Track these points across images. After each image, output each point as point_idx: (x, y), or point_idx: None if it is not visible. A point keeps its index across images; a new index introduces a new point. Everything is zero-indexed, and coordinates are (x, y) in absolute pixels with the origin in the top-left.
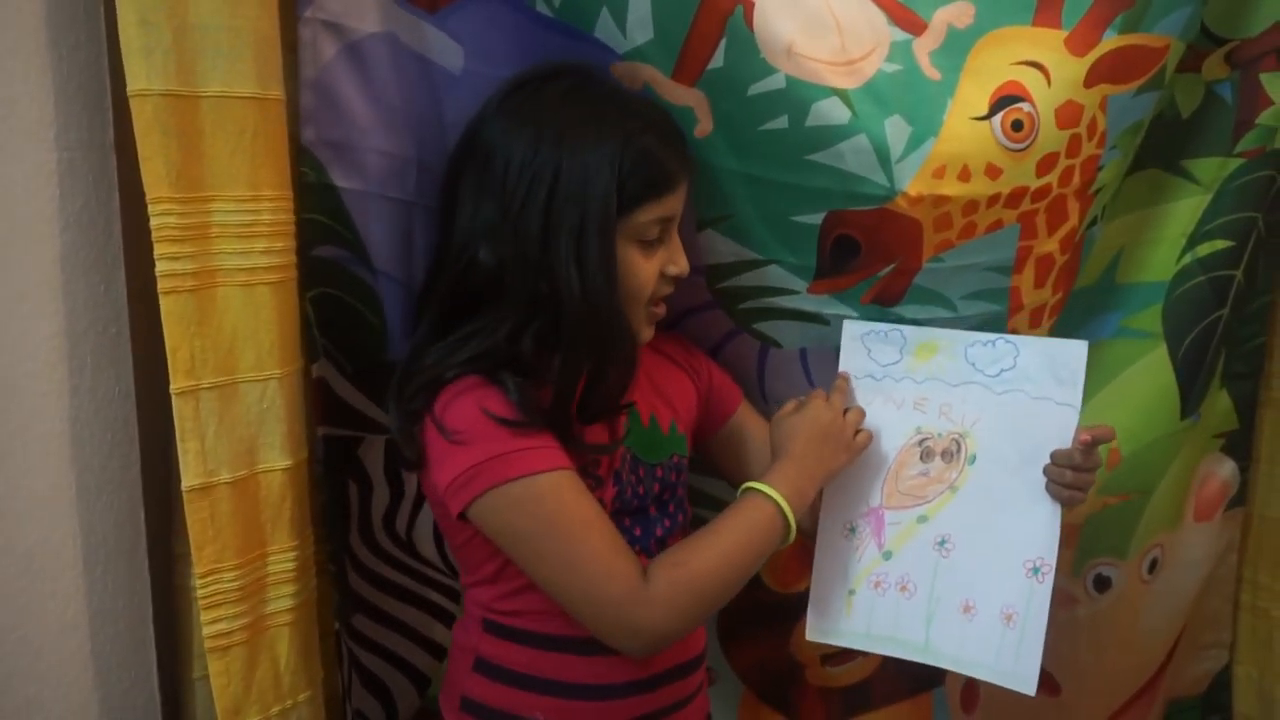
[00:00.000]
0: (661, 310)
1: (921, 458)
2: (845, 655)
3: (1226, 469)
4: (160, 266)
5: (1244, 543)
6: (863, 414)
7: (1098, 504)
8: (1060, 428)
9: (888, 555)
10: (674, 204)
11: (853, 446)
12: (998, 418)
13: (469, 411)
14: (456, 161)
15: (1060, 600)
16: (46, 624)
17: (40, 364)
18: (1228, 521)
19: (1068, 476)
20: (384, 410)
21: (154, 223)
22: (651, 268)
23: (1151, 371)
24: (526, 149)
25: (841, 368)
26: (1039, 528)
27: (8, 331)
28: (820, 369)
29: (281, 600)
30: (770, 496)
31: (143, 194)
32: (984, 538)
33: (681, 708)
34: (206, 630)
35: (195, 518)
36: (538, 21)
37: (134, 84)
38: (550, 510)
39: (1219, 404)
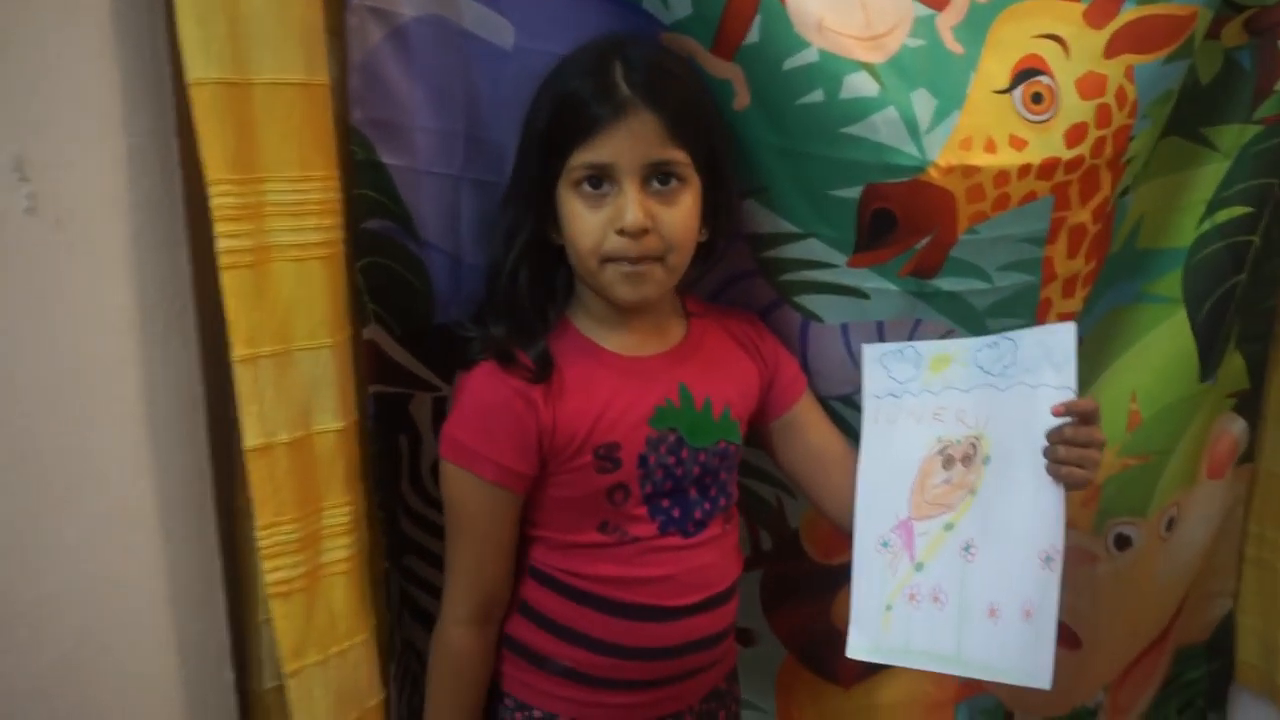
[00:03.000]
0: (637, 269)
1: (944, 465)
2: None
3: (1238, 427)
4: (220, 244)
5: (1250, 497)
6: None
7: (1118, 465)
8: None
9: (919, 567)
10: (610, 149)
11: None
12: (1005, 413)
13: (468, 384)
14: None
15: (1081, 558)
16: (128, 573)
17: (116, 335)
18: (1237, 477)
19: (1060, 453)
20: (431, 370)
21: (213, 203)
22: (595, 219)
23: (1171, 336)
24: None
25: (864, 390)
26: (1046, 515)
27: (88, 304)
28: (859, 343)
29: (336, 551)
30: None
31: (202, 177)
32: (1002, 536)
33: (702, 673)
34: (268, 578)
35: (256, 475)
36: None
37: (192, 73)
38: (446, 500)
39: (1233, 365)
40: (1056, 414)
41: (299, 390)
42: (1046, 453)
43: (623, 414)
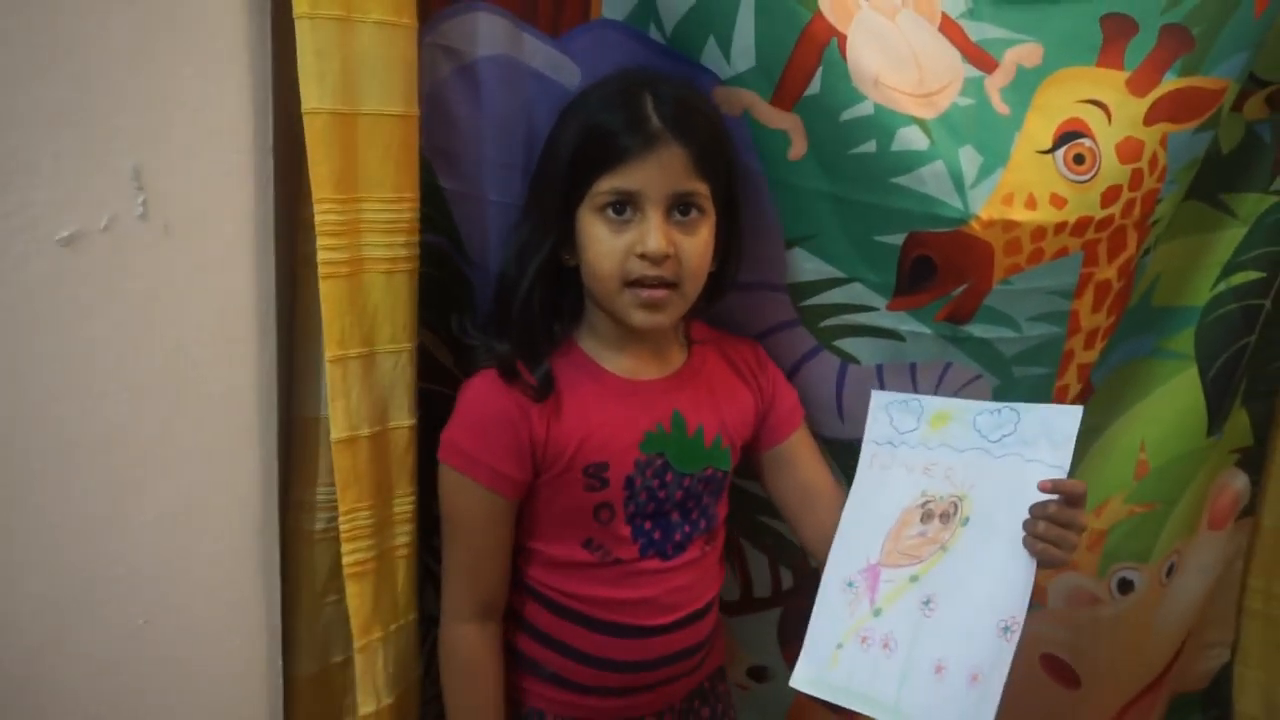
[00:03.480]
0: (654, 295)
1: (922, 519)
2: None
3: (1240, 481)
4: (321, 255)
5: (1251, 551)
6: None
7: (1124, 511)
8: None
9: (877, 612)
10: (639, 178)
11: None
12: (993, 480)
13: (470, 392)
14: None
15: (1085, 600)
16: (198, 554)
17: (208, 333)
18: (1237, 530)
19: (1040, 528)
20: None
21: (318, 219)
22: (617, 243)
23: (1182, 391)
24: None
25: (866, 434)
26: (1013, 586)
27: (185, 303)
28: (894, 384)
29: (401, 536)
30: None
31: (291, 192)
32: (964, 598)
33: (681, 679)
34: (346, 559)
35: (340, 464)
36: (650, 46)
37: (308, 103)
38: (444, 504)
39: (1238, 422)
40: (1044, 490)
41: (380, 389)
42: (1026, 525)
43: (614, 436)
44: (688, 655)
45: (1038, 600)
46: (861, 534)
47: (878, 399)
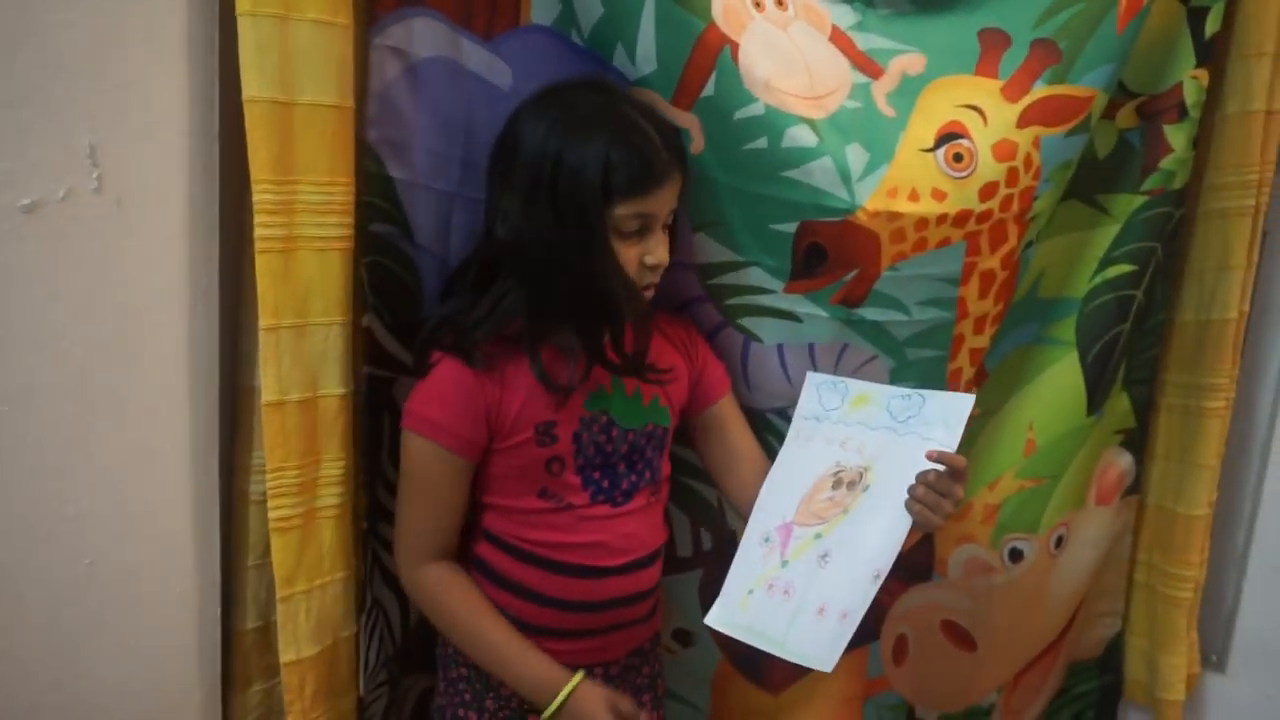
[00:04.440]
0: (649, 293)
1: (833, 485)
2: None
3: (1124, 460)
4: (258, 232)
5: (1139, 528)
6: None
7: (1015, 486)
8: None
9: (785, 564)
10: (655, 204)
11: None
12: (893, 455)
13: (436, 373)
14: (492, 152)
15: (980, 569)
16: (144, 503)
17: (157, 298)
18: (1124, 507)
19: (919, 491)
20: (414, 356)
21: (255, 199)
22: (631, 254)
23: (1064, 374)
24: (539, 139)
25: (797, 410)
26: (888, 540)
27: (136, 271)
28: (793, 362)
29: (329, 498)
30: (557, 692)
31: (243, 177)
32: (852, 552)
33: (628, 628)
34: (271, 514)
35: (269, 427)
36: (572, 49)
37: (248, 91)
38: (408, 467)
39: (1119, 404)
40: (930, 459)
41: (310, 358)
42: (909, 489)
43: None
44: (638, 600)
45: (938, 570)
46: (781, 496)
47: (811, 379)
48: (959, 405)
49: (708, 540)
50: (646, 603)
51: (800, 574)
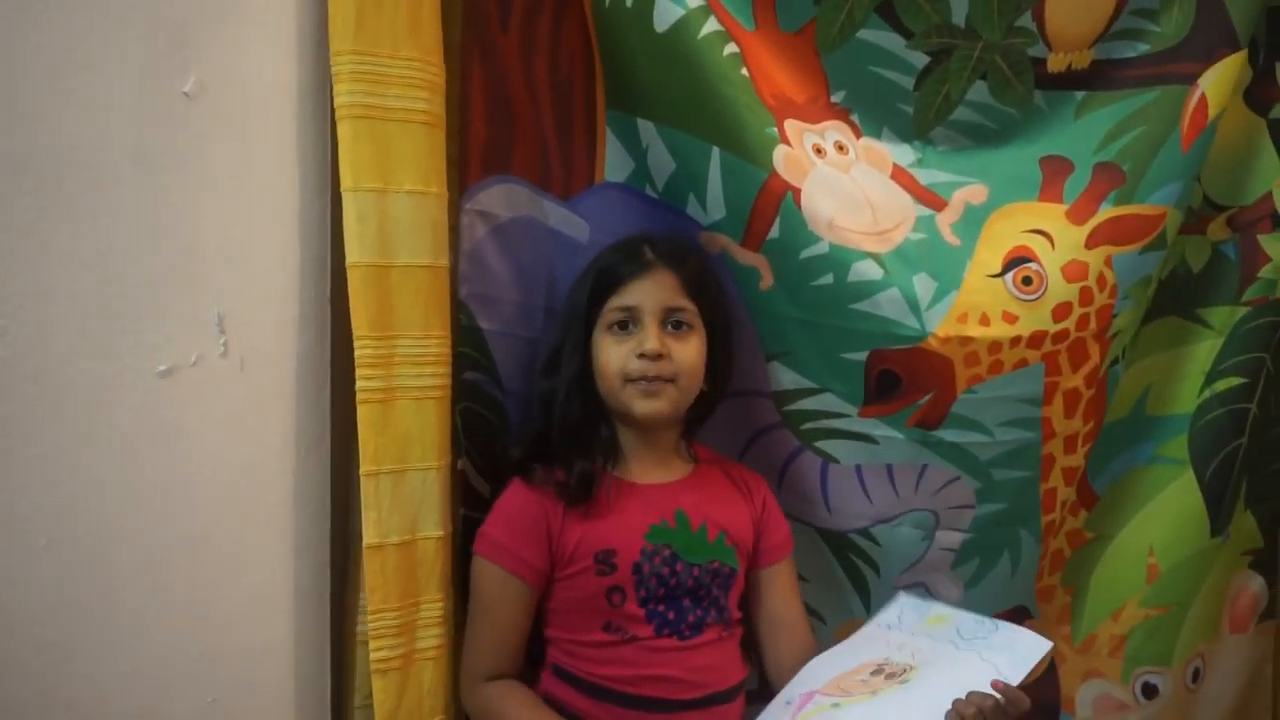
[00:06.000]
0: (652, 386)
1: (872, 673)
2: None
3: (1256, 584)
4: (359, 384)
5: (1278, 654)
6: None
7: (1141, 615)
8: (988, 686)
9: None
10: (638, 295)
11: None
12: (945, 661)
13: (504, 497)
14: None
15: (1113, 707)
16: (260, 645)
17: (274, 453)
18: (1260, 634)
19: (968, 710)
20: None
21: (357, 354)
22: (621, 350)
23: (1181, 494)
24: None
25: (876, 617)
26: None
27: (256, 427)
28: (872, 482)
29: (428, 639)
30: None
31: (346, 336)
32: None
33: None
34: (373, 655)
35: (370, 568)
36: (646, 201)
37: (350, 257)
38: (473, 586)
39: (1245, 524)
40: (996, 689)
41: (410, 502)
42: (956, 704)
43: (620, 525)
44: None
45: (1065, 709)
46: (820, 671)
47: (900, 595)
48: (1032, 646)
49: None
50: None
51: None
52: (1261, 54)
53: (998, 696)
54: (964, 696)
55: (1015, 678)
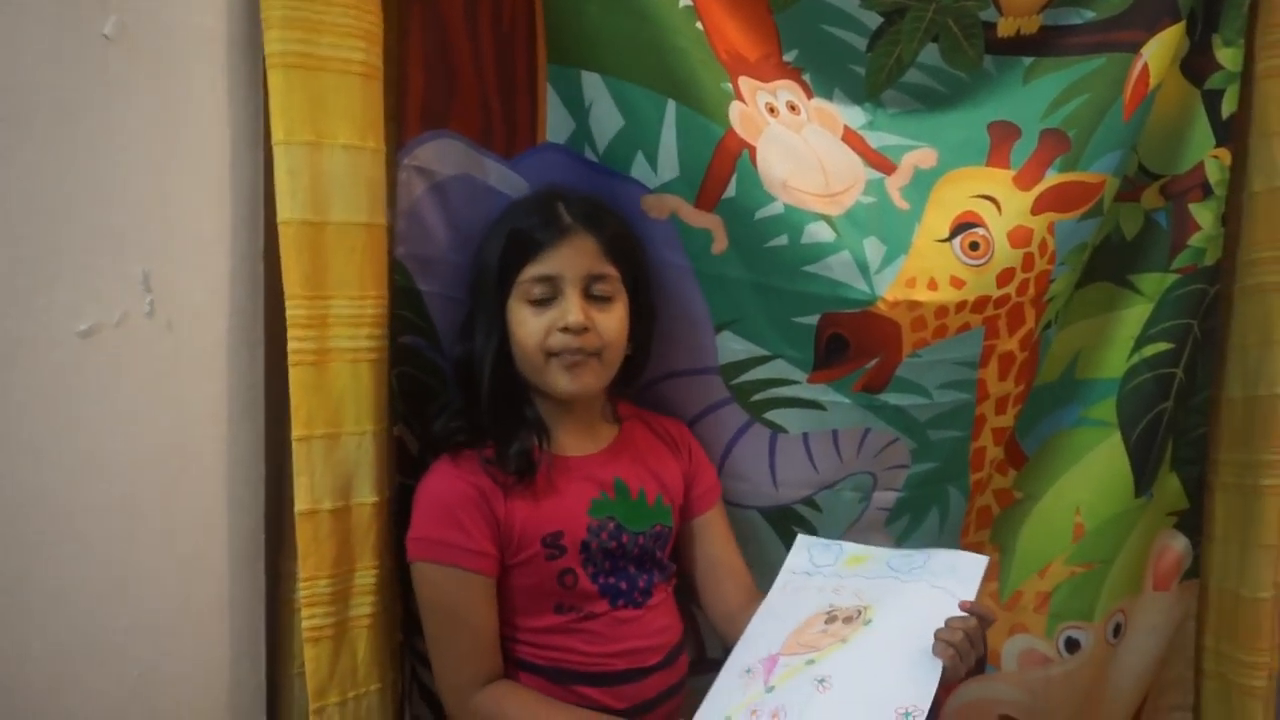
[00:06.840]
0: (575, 360)
1: (826, 621)
2: None
3: (1180, 543)
4: (291, 345)
5: (1203, 614)
6: None
7: (1066, 572)
8: (952, 610)
9: (770, 689)
10: (550, 265)
11: None
12: (899, 596)
13: (425, 489)
14: None
15: (1035, 661)
16: (193, 611)
17: (205, 415)
18: (1184, 591)
19: (956, 636)
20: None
21: (289, 314)
22: (540, 321)
23: (1108, 455)
24: (476, 250)
25: (785, 565)
26: (919, 681)
27: (185, 389)
28: (819, 449)
29: (362, 607)
30: None
31: (280, 295)
32: (862, 681)
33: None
34: (305, 624)
35: (302, 535)
36: (587, 164)
37: (282, 214)
38: (426, 596)
39: (1170, 485)
40: (964, 609)
41: (343, 467)
42: (939, 633)
43: (562, 506)
44: (672, 694)
45: (991, 662)
46: (766, 635)
47: (802, 540)
48: (972, 565)
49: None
50: (677, 697)
51: (791, 697)
52: (1199, 26)
53: (971, 617)
54: (941, 625)
55: (971, 595)
